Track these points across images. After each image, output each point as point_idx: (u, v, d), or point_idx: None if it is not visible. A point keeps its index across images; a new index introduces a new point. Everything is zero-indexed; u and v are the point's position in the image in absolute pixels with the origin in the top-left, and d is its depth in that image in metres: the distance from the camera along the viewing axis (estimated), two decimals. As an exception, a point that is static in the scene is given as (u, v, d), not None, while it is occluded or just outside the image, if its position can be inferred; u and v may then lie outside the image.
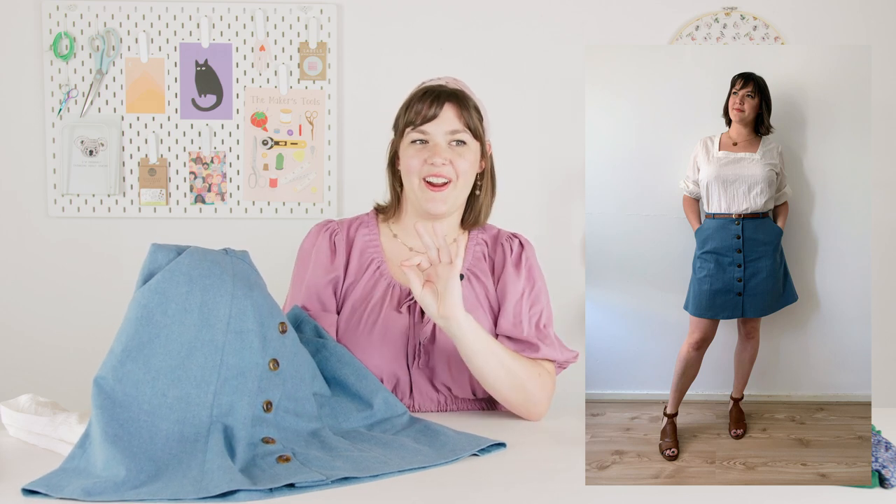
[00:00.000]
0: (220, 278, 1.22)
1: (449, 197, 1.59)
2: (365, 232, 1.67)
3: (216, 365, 1.19)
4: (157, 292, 1.19)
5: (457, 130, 1.58)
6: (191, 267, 1.21)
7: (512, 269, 1.62)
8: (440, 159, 1.56)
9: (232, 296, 1.21)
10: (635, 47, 1.89)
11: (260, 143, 2.75)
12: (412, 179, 1.60)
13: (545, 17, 2.80)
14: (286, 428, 1.26)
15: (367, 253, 1.64)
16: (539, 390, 1.50)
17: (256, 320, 1.23)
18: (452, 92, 1.60)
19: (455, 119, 1.59)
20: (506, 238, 1.68)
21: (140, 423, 1.13)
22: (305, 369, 1.34)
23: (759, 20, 2.79)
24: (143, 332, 1.17)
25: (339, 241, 1.65)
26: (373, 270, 1.62)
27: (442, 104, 1.58)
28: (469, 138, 1.60)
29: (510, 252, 1.64)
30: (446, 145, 1.58)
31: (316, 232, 1.68)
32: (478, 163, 1.63)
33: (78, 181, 2.71)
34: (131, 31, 2.71)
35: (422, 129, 1.58)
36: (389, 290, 1.59)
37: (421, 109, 1.59)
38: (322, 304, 1.60)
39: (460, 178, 1.59)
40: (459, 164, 1.58)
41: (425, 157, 1.58)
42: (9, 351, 2.73)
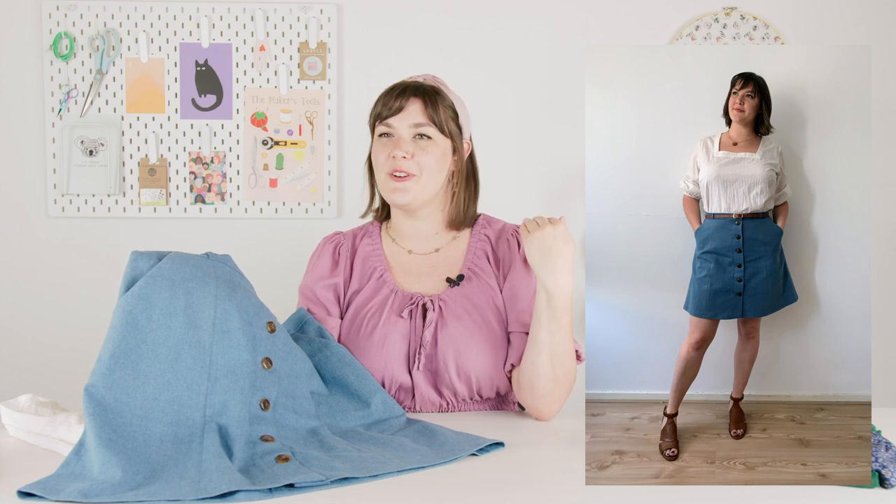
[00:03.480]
0: (203, 281, 1.22)
1: (412, 188, 1.58)
2: (368, 241, 1.69)
3: (205, 365, 1.19)
4: (141, 298, 1.19)
5: (420, 124, 1.58)
6: (172, 271, 1.21)
7: (520, 264, 1.62)
8: (401, 152, 1.57)
9: (215, 297, 1.22)
10: (635, 47, 1.89)
11: (260, 143, 2.75)
12: (380, 175, 1.62)
13: (545, 17, 2.80)
14: (285, 426, 1.26)
15: (369, 262, 1.65)
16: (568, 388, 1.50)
17: (242, 320, 1.23)
18: (420, 87, 1.61)
19: (419, 113, 1.59)
20: (511, 232, 1.67)
21: (133, 427, 1.14)
22: (301, 368, 1.35)
23: (759, 20, 2.79)
24: (130, 338, 1.18)
25: (343, 251, 1.68)
26: (376, 278, 1.63)
27: (407, 98, 1.59)
28: (434, 132, 1.59)
29: (517, 247, 1.64)
30: (410, 139, 1.59)
31: (322, 244, 1.71)
32: (446, 159, 1.62)
33: (78, 181, 2.71)
34: (131, 31, 2.71)
35: (387, 122, 1.60)
36: (391, 296, 1.60)
37: (387, 102, 1.60)
38: (322, 309, 1.61)
39: (424, 173, 1.58)
40: (422, 158, 1.58)
41: (389, 150, 1.59)
42: (9, 351, 2.73)
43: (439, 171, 1.61)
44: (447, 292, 1.59)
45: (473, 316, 1.56)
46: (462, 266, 1.63)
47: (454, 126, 1.63)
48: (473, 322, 1.55)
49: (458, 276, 1.61)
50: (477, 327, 1.55)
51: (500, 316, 1.59)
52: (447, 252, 1.66)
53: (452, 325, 1.55)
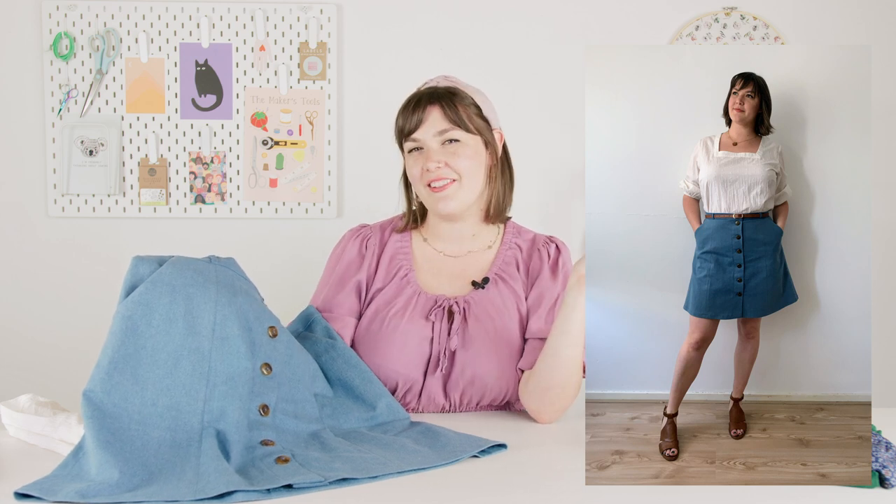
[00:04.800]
0: (204, 286, 1.22)
1: (455, 195, 1.58)
2: (398, 238, 1.67)
3: (204, 372, 1.19)
4: (141, 304, 1.19)
5: (445, 130, 1.58)
6: (173, 277, 1.21)
7: (548, 273, 1.63)
8: (433, 163, 1.56)
9: (216, 303, 1.22)
10: (635, 47, 1.89)
11: (260, 143, 2.75)
12: (419, 188, 1.61)
13: (545, 17, 2.80)
14: (286, 430, 1.26)
15: (396, 259, 1.64)
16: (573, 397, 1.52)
17: (242, 326, 1.23)
18: (434, 92, 1.60)
19: (441, 119, 1.58)
20: (542, 243, 1.68)
21: (131, 432, 1.14)
22: (303, 371, 1.34)
23: (759, 20, 2.79)
24: (129, 343, 1.18)
25: (370, 245, 1.66)
26: (400, 277, 1.62)
27: (424, 108, 1.58)
28: (461, 134, 1.58)
29: (547, 258, 1.65)
30: (439, 147, 1.58)
31: (348, 237, 1.68)
32: (481, 156, 1.62)
33: (78, 181, 2.71)
34: (131, 31, 2.71)
35: (413, 137, 1.59)
36: (415, 298, 1.59)
37: (407, 117, 1.59)
38: (337, 308, 1.60)
39: (463, 177, 1.58)
40: (456, 162, 1.57)
41: (422, 164, 1.58)
42: (9, 351, 2.73)
43: (478, 170, 1.60)
44: (471, 294, 1.59)
45: (495, 321, 1.56)
46: (489, 271, 1.63)
47: (479, 121, 1.61)
48: (494, 327, 1.56)
49: (484, 279, 1.61)
50: (497, 332, 1.55)
51: (521, 323, 1.59)
52: (477, 256, 1.66)
53: (474, 328, 1.55)
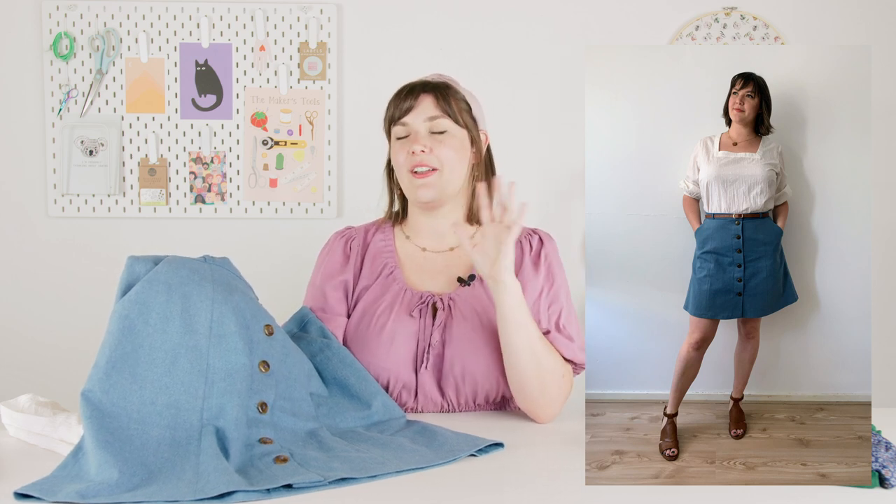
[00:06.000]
0: (200, 285, 1.22)
1: (435, 183, 1.58)
2: (381, 237, 1.68)
3: (202, 369, 1.19)
4: (137, 303, 1.19)
5: (434, 117, 1.58)
6: (169, 275, 1.21)
7: (530, 266, 1.61)
8: (419, 146, 1.56)
9: (212, 300, 1.22)
10: (635, 47, 1.89)
11: (260, 143, 2.75)
12: (402, 174, 1.61)
13: (545, 17, 2.80)
14: (283, 428, 1.26)
15: (380, 258, 1.64)
16: (556, 388, 1.48)
17: (239, 323, 1.23)
18: (429, 83, 1.61)
19: (432, 106, 1.59)
20: (525, 235, 1.65)
21: (130, 431, 1.14)
22: (299, 369, 1.34)
23: (759, 20, 2.79)
24: (126, 342, 1.17)
25: (354, 246, 1.67)
26: (385, 275, 1.62)
27: (417, 95, 1.60)
28: (449, 124, 1.59)
29: (529, 249, 1.63)
30: (426, 133, 1.59)
31: (333, 239, 1.70)
32: (466, 151, 1.62)
33: (78, 181, 2.71)
34: (131, 31, 2.71)
35: (402, 121, 1.60)
36: (401, 295, 1.59)
37: (398, 104, 1.60)
38: (328, 308, 1.61)
39: (445, 166, 1.58)
40: (441, 151, 1.57)
41: (408, 148, 1.58)
42: (9, 351, 2.73)
43: (460, 163, 1.60)
44: (457, 291, 1.59)
45: (482, 317, 1.55)
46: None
47: (468, 118, 1.63)
48: (481, 323, 1.55)
49: (470, 275, 1.60)
50: (483, 329, 1.55)
51: None
52: (461, 251, 1.65)
53: (460, 325, 1.54)
